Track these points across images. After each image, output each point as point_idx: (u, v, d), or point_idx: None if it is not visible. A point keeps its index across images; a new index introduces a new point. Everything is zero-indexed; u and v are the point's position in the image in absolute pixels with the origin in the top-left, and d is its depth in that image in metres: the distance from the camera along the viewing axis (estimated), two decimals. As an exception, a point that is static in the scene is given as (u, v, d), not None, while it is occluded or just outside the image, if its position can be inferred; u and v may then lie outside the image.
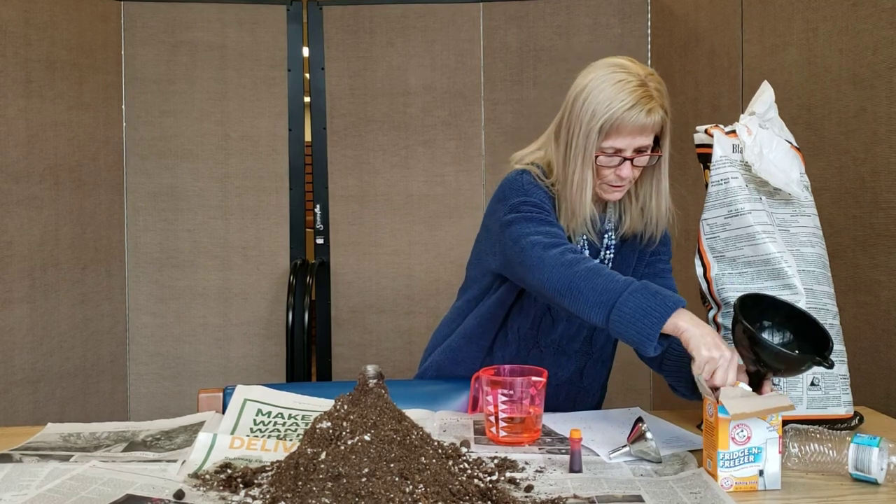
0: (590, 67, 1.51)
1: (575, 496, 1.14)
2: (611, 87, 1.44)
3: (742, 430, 1.20)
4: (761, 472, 1.20)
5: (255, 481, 1.17)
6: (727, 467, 1.20)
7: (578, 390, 1.72)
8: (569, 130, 1.49)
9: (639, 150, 1.48)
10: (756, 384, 1.30)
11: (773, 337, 1.36)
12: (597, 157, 1.47)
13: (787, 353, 1.28)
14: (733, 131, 1.53)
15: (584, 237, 1.58)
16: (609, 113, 1.43)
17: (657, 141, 1.51)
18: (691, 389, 1.47)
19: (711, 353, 1.25)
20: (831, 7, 2.02)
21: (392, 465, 1.06)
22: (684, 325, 1.28)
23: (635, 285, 1.33)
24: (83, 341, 3.11)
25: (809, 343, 1.32)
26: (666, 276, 1.66)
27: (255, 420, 1.47)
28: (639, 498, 1.14)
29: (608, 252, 1.62)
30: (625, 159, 1.47)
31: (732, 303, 1.37)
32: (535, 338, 1.64)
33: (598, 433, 1.44)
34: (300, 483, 1.06)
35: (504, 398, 1.39)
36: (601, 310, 1.33)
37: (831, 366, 1.26)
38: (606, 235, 1.62)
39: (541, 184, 1.54)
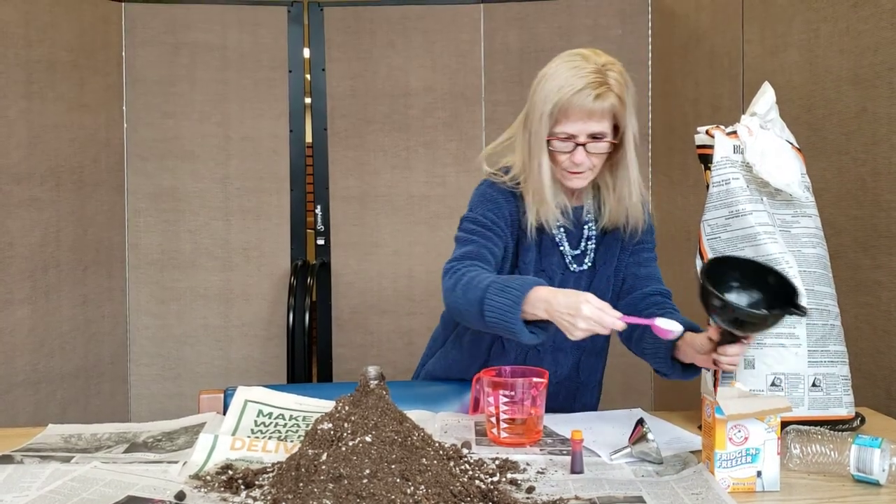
0: (554, 58, 1.53)
1: (576, 497, 1.14)
2: (565, 73, 1.47)
3: (739, 431, 1.20)
4: (759, 473, 1.20)
5: (257, 482, 1.17)
6: (724, 468, 1.20)
7: (577, 386, 1.72)
8: (529, 117, 1.54)
9: (594, 137, 1.49)
10: (728, 343, 1.34)
11: (742, 298, 1.37)
12: (550, 141, 1.49)
13: (756, 312, 1.30)
14: (734, 132, 1.53)
15: (562, 227, 1.60)
16: (558, 96, 1.46)
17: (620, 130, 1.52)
18: (672, 368, 1.52)
19: (578, 326, 1.32)
20: (832, 8, 2.02)
21: (393, 467, 1.06)
22: (543, 315, 1.35)
23: (492, 288, 1.39)
24: (84, 343, 3.11)
25: (780, 297, 1.33)
26: (650, 264, 1.69)
27: (256, 421, 1.47)
28: (640, 499, 1.14)
29: (590, 243, 1.63)
30: (577, 145, 1.49)
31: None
32: None
33: (599, 434, 1.44)
34: (301, 484, 1.06)
35: (505, 399, 1.39)
36: (479, 320, 1.42)
37: (804, 313, 1.29)
38: (587, 227, 1.63)
39: (503, 188, 1.58)
